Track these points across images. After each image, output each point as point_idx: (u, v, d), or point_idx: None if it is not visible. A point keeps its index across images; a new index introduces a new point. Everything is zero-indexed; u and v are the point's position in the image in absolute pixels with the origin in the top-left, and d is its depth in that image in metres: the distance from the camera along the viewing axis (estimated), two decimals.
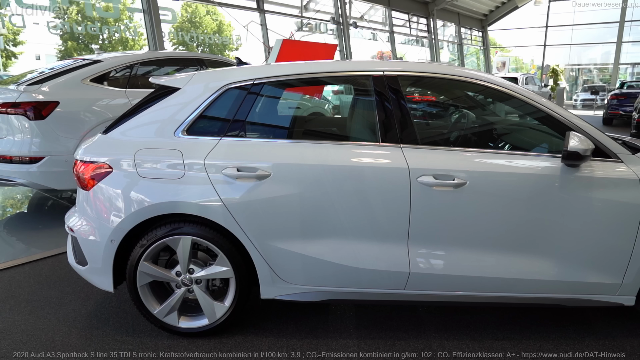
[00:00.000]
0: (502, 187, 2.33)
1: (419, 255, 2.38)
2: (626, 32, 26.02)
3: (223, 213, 2.34)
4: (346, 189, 2.34)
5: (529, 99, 2.47)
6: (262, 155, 2.38)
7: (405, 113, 2.43)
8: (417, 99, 3.84)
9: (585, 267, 2.40)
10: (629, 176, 2.34)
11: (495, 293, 2.45)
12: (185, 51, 10.91)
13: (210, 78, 2.57)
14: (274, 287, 2.47)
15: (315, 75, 2.57)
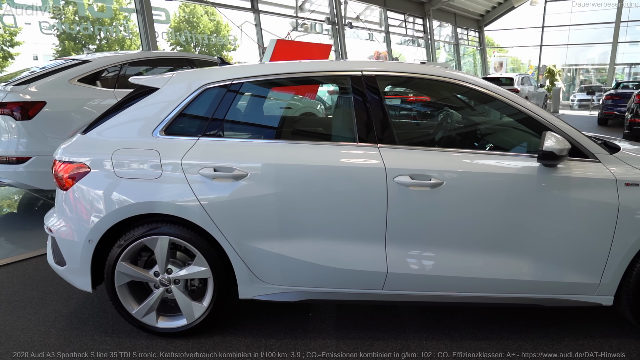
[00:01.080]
0: (479, 187, 2.33)
1: (397, 255, 2.38)
2: (623, 32, 26.06)
3: (200, 213, 2.34)
4: (323, 189, 2.34)
5: (508, 99, 2.47)
6: (239, 155, 2.37)
7: (383, 113, 2.43)
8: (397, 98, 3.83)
9: (563, 267, 2.41)
10: (606, 176, 2.34)
11: (473, 293, 2.45)
12: (176, 51, 10.92)
13: (188, 78, 2.57)
14: (252, 287, 2.47)
15: (294, 76, 2.57)
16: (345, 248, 2.39)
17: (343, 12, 17.16)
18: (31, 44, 23.45)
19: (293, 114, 2.89)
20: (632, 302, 2.45)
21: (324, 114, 6.64)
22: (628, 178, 2.34)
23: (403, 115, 3.87)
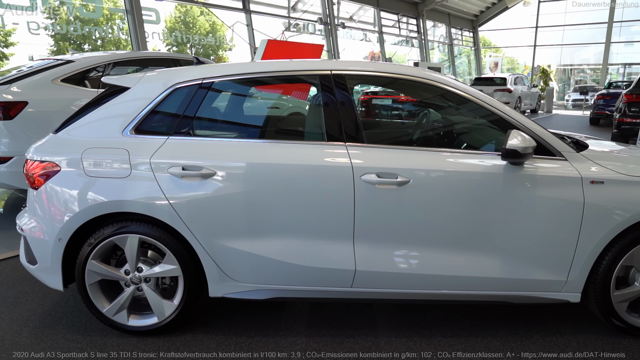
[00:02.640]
0: (446, 185, 2.35)
1: (365, 253, 2.40)
2: (617, 32, 26.14)
3: (169, 212, 2.35)
4: (291, 187, 2.35)
5: (477, 99, 2.49)
6: (207, 154, 2.39)
7: (352, 112, 2.45)
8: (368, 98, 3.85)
9: (530, 264, 2.43)
10: (571, 174, 2.36)
11: (442, 291, 2.47)
12: (162, 52, 10.92)
13: (159, 78, 2.58)
14: (222, 285, 2.48)
15: (264, 75, 2.58)
16: (313, 246, 2.40)
17: (336, 12, 17.18)
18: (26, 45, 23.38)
19: (270, 113, 2.90)
20: (599, 298, 2.47)
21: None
22: (593, 176, 2.36)
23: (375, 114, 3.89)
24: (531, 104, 19.22)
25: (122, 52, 6.01)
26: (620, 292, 2.47)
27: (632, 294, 2.48)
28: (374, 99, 10.31)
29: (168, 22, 29.51)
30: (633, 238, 2.39)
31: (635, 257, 2.42)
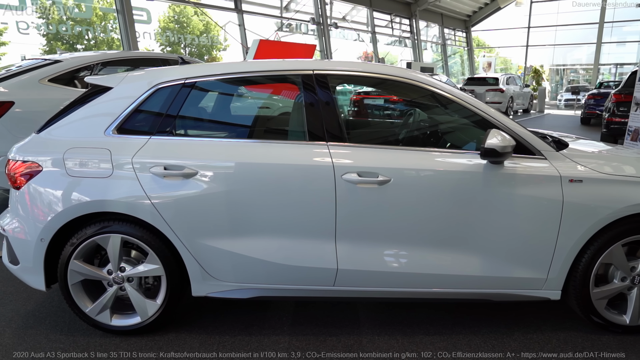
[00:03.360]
0: (427, 183, 2.37)
1: (347, 252, 2.41)
2: (608, 32, 26.31)
3: (151, 211, 2.36)
4: (273, 186, 2.36)
5: (458, 98, 2.51)
6: (189, 153, 2.39)
7: (333, 112, 2.46)
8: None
9: (511, 262, 2.45)
10: (550, 173, 2.38)
11: (424, 289, 2.49)
12: (151, 51, 10.88)
13: (141, 78, 2.58)
14: (205, 284, 2.48)
15: (246, 75, 2.59)
16: (295, 245, 2.41)
17: (328, 12, 17.21)
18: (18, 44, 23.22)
19: (252, 113, 2.91)
20: (578, 296, 2.50)
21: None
22: (572, 174, 2.38)
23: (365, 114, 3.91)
24: (523, 104, 19.32)
25: (111, 52, 6.00)
26: (599, 289, 2.50)
27: (611, 291, 2.51)
28: (365, 99, 10.34)
29: (162, 22, 29.44)
30: (611, 236, 2.42)
31: (613, 254, 2.45)
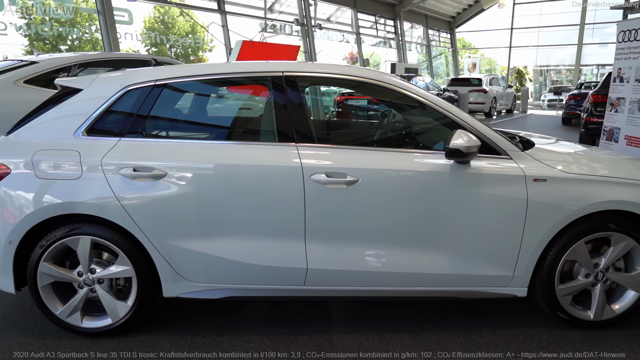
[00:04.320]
0: (394, 183, 2.41)
1: (316, 251, 2.44)
2: (590, 34, 26.73)
3: (120, 213, 2.36)
4: (242, 187, 2.38)
5: (424, 99, 2.55)
6: (159, 155, 2.40)
7: (303, 113, 2.49)
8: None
9: (478, 260, 2.50)
10: (515, 172, 2.43)
11: (393, 287, 2.53)
12: (130, 53, 10.82)
13: (111, 79, 2.59)
14: (176, 285, 2.49)
15: (217, 77, 2.60)
16: (266, 245, 2.43)
17: (312, 13, 17.24)
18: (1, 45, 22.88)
19: (223, 114, 2.92)
20: (544, 292, 2.56)
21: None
22: (536, 174, 2.44)
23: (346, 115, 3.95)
24: (506, 104, 19.54)
25: (89, 53, 5.96)
26: (564, 285, 2.56)
27: (575, 287, 2.57)
28: (348, 100, 10.39)
29: (147, 22, 29.22)
30: (575, 234, 2.48)
31: (577, 252, 2.51)
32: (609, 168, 2.65)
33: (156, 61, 3.01)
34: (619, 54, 6.31)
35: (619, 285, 2.64)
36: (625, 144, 6.19)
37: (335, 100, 10.50)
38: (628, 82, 6.11)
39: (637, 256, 2.56)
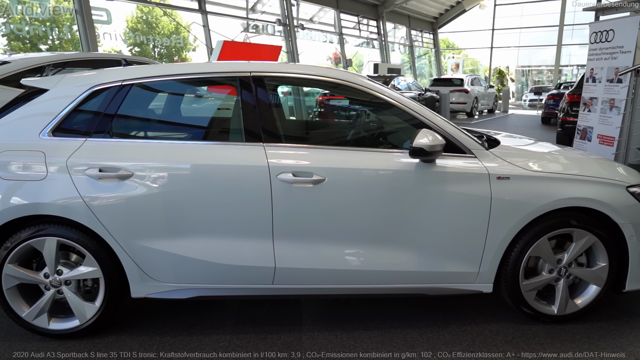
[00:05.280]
0: (360, 182, 2.44)
1: (284, 250, 2.45)
2: (569, 35, 27.18)
3: (86, 213, 2.35)
4: (209, 187, 2.39)
5: (391, 98, 2.59)
6: (125, 155, 2.40)
7: (270, 113, 2.51)
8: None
9: (444, 257, 2.54)
10: (479, 170, 2.48)
11: (361, 285, 2.55)
12: (106, 52, 10.71)
13: (78, 79, 2.57)
14: (144, 285, 2.49)
15: (184, 77, 2.60)
16: (234, 244, 2.44)
17: (295, 13, 17.25)
18: None
19: (190, 114, 2.92)
20: (509, 288, 2.61)
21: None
22: (499, 172, 2.49)
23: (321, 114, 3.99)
24: (488, 104, 19.77)
25: (63, 53, 5.89)
26: (528, 281, 2.61)
27: (539, 282, 2.63)
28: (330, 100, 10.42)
29: (129, 22, 28.94)
30: (538, 230, 2.54)
31: (540, 248, 2.57)
32: (571, 166, 2.71)
33: (126, 61, 2.99)
34: (592, 54, 6.45)
35: (581, 280, 2.71)
36: (598, 142, 6.32)
37: (317, 101, 10.54)
38: (600, 83, 6.24)
39: (598, 252, 2.63)
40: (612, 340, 2.55)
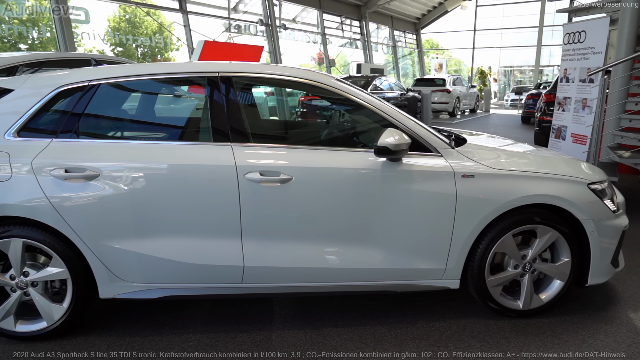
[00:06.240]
0: (327, 181, 2.46)
1: (253, 249, 2.47)
2: (551, 35, 27.64)
3: (52, 214, 2.34)
4: (177, 187, 2.39)
5: (357, 98, 2.61)
6: (92, 155, 2.39)
7: (238, 113, 2.52)
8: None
9: (411, 254, 2.58)
10: (445, 169, 2.52)
11: (330, 283, 2.58)
12: (80, 52, 10.59)
13: (44, 79, 2.56)
14: (112, 286, 2.49)
15: (152, 77, 2.60)
16: (202, 244, 2.45)
17: (277, 13, 17.24)
18: None
19: (158, 114, 2.90)
20: (476, 284, 2.66)
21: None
22: (464, 170, 2.54)
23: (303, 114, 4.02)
24: (470, 104, 19.99)
25: (39, 52, 5.82)
26: (494, 277, 2.67)
27: (505, 278, 2.69)
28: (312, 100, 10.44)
29: (112, 21, 28.62)
30: (503, 227, 2.59)
31: (505, 244, 2.62)
32: (534, 164, 2.77)
33: (96, 61, 2.98)
34: (565, 55, 6.56)
35: (546, 276, 2.78)
36: (572, 141, 6.44)
37: (299, 101, 10.56)
38: (573, 82, 6.36)
39: (562, 247, 2.69)
40: (574, 333, 2.61)
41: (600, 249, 2.68)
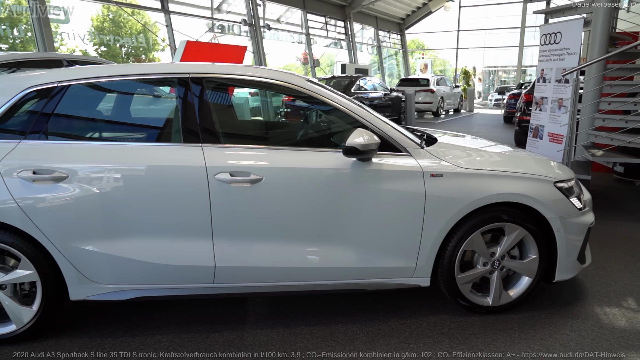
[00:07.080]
0: (297, 181, 2.48)
1: (224, 249, 2.48)
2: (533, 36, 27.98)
3: (20, 216, 2.33)
4: (147, 188, 2.39)
5: (328, 99, 2.64)
6: (60, 157, 2.38)
7: (208, 114, 2.53)
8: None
9: (382, 253, 2.61)
10: (414, 168, 2.56)
11: (301, 282, 2.60)
12: (57, 53, 10.47)
13: (12, 80, 2.55)
14: (83, 287, 2.48)
15: (123, 78, 2.60)
16: (173, 245, 2.46)
17: (261, 13, 17.21)
18: None
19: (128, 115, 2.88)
20: (446, 281, 2.71)
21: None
22: (433, 169, 2.58)
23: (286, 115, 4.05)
24: (454, 104, 20.17)
25: (16, 52, 5.75)
26: (464, 274, 2.71)
27: (474, 275, 2.74)
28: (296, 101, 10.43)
29: (95, 20, 28.31)
30: (472, 225, 2.64)
31: (474, 242, 2.67)
32: (503, 163, 2.83)
33: (68, 62, 2.96)
34: (542, 55, 6.68)
35: (514, 273, 2.83)
36: (549, 140, 6.55)
37: (283, 101, 10.56)
38: (550, 83, 6.47)
39: (529, 245, 2.75)
40: (542, 328, 2.67)
41: (567, 245, 2.74)
